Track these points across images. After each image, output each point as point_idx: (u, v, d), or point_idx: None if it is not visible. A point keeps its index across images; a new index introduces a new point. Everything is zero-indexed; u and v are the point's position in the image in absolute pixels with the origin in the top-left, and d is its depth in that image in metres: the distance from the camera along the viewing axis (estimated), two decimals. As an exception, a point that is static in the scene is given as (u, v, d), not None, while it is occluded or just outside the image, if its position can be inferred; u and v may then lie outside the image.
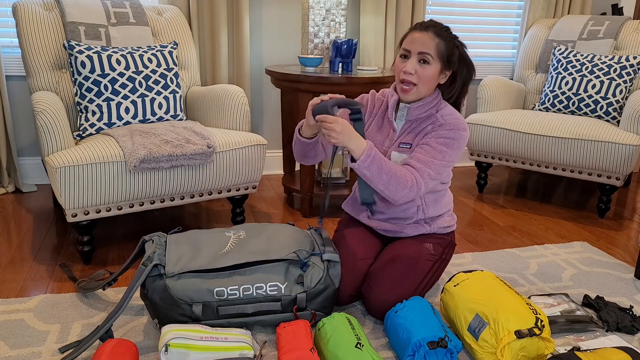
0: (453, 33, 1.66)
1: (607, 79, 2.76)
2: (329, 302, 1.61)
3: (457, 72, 1.68)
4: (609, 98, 2.74)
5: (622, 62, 2.77)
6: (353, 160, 1.57)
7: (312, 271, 1.59)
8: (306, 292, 1.57)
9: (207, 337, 1.40)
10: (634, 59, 2.76)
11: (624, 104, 2.73)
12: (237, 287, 1.52)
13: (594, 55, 2.86)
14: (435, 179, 1.64)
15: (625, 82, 2.74)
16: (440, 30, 1.62)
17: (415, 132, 1.70)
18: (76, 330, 1.58)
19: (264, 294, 1.54)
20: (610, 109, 2.74)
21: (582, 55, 2.89)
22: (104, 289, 1.73)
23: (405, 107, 1.70)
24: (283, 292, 1.55)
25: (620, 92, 2.73)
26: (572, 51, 2.94)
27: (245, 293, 1.53)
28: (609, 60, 2.81)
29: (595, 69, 2.81)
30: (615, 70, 2.76)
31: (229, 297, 1.52)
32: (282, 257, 1.58)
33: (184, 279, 1.51)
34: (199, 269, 1.53)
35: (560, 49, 2.98)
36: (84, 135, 2.15)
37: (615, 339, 1.61)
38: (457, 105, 1.76)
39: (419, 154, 1.63)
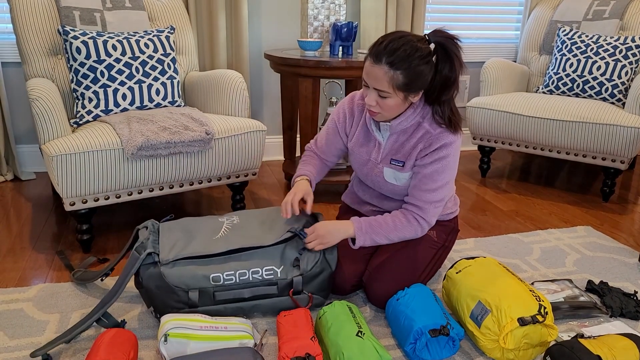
0: (419, 51, 1.42)
1: (612, 61, 2.71)
2: (325, 285, 1.60)
3: (437, 72, 1.49)
4: (614, 80, 2.69)
5: (628, 43, 2.72)
6: (353, 242, 1.63)
7: (308, 254, 1.58)
8: (302, 275, 1.56)
9: (207, 327, 1.39)
10: (640, 40, 2.71)
11: (630, 86, 2.68)
12: (233, 272, 1.51)
13: (599, 36, 2.81)
14: (442, 204, 1.62)
15: (630, 63, 2.69)
16: (395, 59, 1.41)
17: (407, 150, 1.60)
18: (75, 319, 1.57)
19: (260, 278, 1.53)
20: (615, 91, 2.69)
21: (587, 36, 2.83)
22: (102, 280, 1.72)
23: (386, 124, 1.60)
24: (279, 275, 1.54)
25: (626, 73, 2.69)
26: (576, 32, 2.88)
27: (241, 278, 1.52)
28: (615, 41, 2.75)
29: (600, 50, 2.75)
30: (620, 52, 2.71)
31: (225, 282, 1.51)
32: (276, 241, 1.57)
33: (179, 266, 1.50)
34: (194, 255, 1.52)
35: (564, 30, 2.93)
36: (80, 122, 2.12)
37: (619, 325, 1.60)
38: (445, 104, 1.54)
39: (418, 191, 1.59)
